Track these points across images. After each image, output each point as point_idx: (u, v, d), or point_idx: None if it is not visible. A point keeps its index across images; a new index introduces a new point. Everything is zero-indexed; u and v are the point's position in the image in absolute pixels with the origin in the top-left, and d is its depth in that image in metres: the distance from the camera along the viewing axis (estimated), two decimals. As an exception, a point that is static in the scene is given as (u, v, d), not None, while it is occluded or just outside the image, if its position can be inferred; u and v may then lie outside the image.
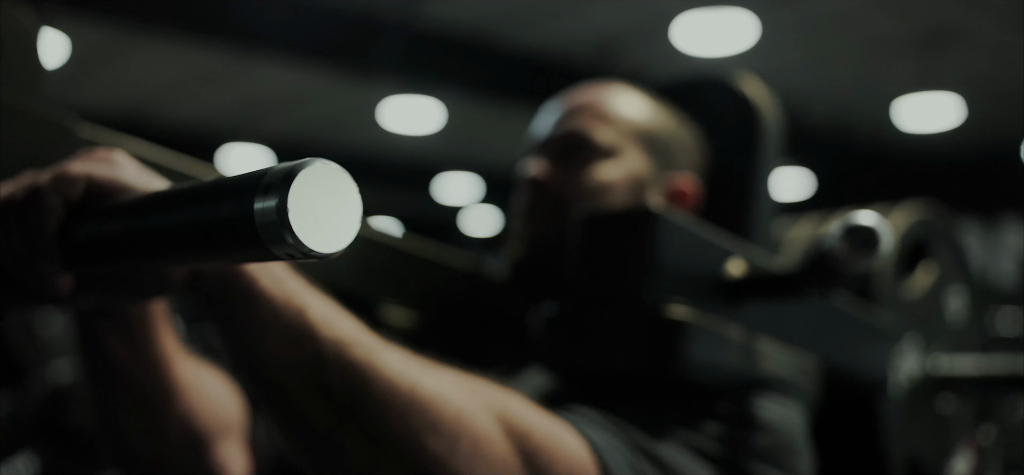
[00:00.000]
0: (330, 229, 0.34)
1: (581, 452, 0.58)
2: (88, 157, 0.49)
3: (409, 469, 0.52)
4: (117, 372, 0.66)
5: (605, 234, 0.69)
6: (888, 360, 0.97)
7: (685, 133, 0.94)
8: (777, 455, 0.67)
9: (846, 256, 0.59)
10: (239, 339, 0.52)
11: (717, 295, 0.70)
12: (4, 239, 0.48)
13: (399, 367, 0.53)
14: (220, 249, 0.38)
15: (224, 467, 0.75)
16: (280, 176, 0.33)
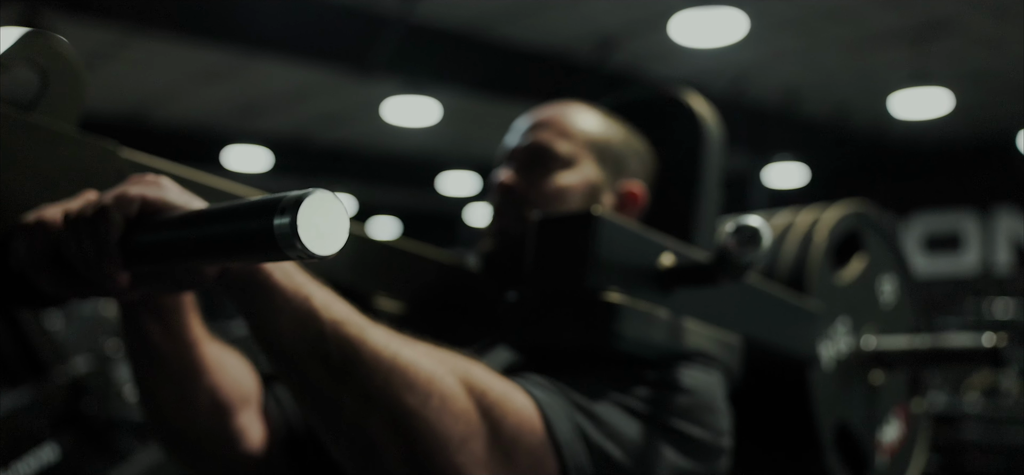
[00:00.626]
0: (327, 238, 0.49)
1: (528, 406, 0.72)
2: (141, 181, 0.64)
3: (391, 419, 0.67)
4: (155, 352, 0.81)
5: (555, 233, 0.84)
6: (815, 338, 1.12)
7: (635, 145, 1.09)
8: (696, 413, 0.82)
9: (737, 250, 0.74)
10: (259, 320, 0.67)
11: (650, 283, 0.85)
12: (76, 245, 0.63)
13: (383, 341, 0.68)
14: (248, 253, 0.52)
15: (243, 432, 0.90)
16: (292, 201, 0.48)
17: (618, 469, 0.75)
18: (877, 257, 1.32)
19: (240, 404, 0.90)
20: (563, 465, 0.72)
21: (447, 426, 0.67)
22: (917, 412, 1.38)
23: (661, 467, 0.78)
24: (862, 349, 1.25)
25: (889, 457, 1.29)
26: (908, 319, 1.37)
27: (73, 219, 0.63)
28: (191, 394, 0.84)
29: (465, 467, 0.68)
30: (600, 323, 0.78)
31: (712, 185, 1.12)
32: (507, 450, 0.70)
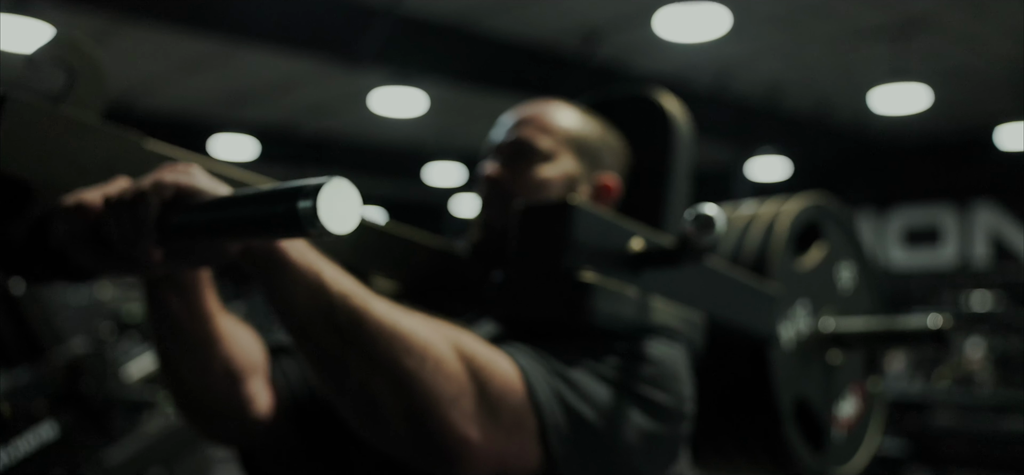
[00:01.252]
0: (342, 219, 0.58)
1: (512, 371, 0.82)
2: (173, 169, 0.73)
3: (392, 380, 0.76)
4: (176, 324, 0.90)
5: (536, 220, 0.93)
6: (774, 319, 1.22)
7: (610, 140, 1.19)
8: (660, 381, 0.92)
9: (695, 234, 0.84)
10: (276, 293, 0.76)
11: (621, 265, 0.95)
12: (116, 225, 0.72)
13: (384, 311, 0.77)
14: (273, 231, 0.62)
15: (253, 399, 0.99)
16: (314, 188, 0.57)
17: (590, 428, 0.85)
18: (836, 246, 1.42)
19: (250, 372, 0.99)
20: (542, 423, 0.82)
21: (440, 386, 0.77)
22: (873, 390, 1.49)
23: (629, 427, 0.88)
24: (820, 330, 1.35)
25: (846, 431, 1.40)
26: (865, 304, 1.47)
27: (113, 202, 0.72)
28: (207, 362, 0.93)
29: (456, 422, 0.77)
30: (575, 300, 0.88)
31: (681, 178, 1.22)
32: (493, 408, 0.79)
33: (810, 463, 1.30)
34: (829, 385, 1.37)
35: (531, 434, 0.82)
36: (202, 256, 0.76)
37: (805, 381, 1.32)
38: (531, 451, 0.82)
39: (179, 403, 0.98)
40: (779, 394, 1.25)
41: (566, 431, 0.83)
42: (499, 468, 0.81)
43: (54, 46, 0.86)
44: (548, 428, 0.82)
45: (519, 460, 0.81)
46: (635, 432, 0.88)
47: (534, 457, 0.82)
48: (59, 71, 0.88)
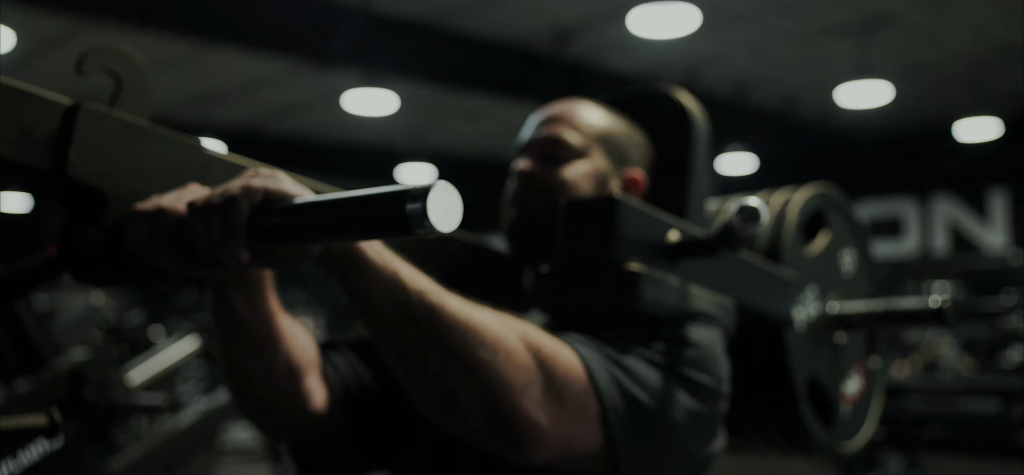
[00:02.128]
0: (447, 218, 0.63)
1: (574, 359, 0.87)
2: (259, 175, 0.77)
3: (467, 371, 0.81)
4: (241, 322, 0.94)
5: (583, 214, 0.99)
6: (790, 303, 1.29)
7: (635, 136, 1.24)
8: (702, 363, 0.98)
9: (740, 226, 0.90)
10: (357, 291, 0.81)
11: (660, 255, 1.00)
12: (204, 229, 0.75)
13: (458, 306, 0.82)
14: (378, 232, 0.66)
15: (310, 394, 1.03)
16: (422, 191, 0.62)
17: (644, 410, 0.91)
18: (839, 233, 1.49)
19: (308, 368, 1.03)
20: (602, 407, 0.87)
21: (512, 375, 0.82)
22: (873, 368, 1.56)
23: (677, 408, 0.94)
24: (828, 313, 1.42)
25: (851, 407, 1.47)
26: (865, 287, 1.55)
27: (201, 207, 0.76)
28: (270, 359, 0.97)
29: (527, 409, 0.82)
30: (625, 288, 0.93)
31: (701, 171, 1.28)
32: (559, 394, 0.84)
33: (822, 439, 1.36)
34: (836, 365, 1.44)
35: (593, 417, 0.87)
36: (283, 258, 0.80)
37: (816, 361, 1.39)
38: (593, 433, 0.87)
39: (242, 399, 1.02)
40: (795, 374, 1.31)
41: (624, 413, 0.89)
42: (565, 450, 0.86)
43: (100, 54, 0.89)
44: (608, 411, 0.87)
45: (582, 442, 0.87)
46: (682, 412, 0.94)
47: (595, 439, 0.87)
48: (107, 79, 0.92)
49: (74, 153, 0.83)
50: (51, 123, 0.83)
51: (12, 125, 0.80)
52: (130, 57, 0.91)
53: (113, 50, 0.90)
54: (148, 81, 0.93)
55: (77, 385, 2.28)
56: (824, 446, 1.37)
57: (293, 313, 1.00)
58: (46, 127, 0.82)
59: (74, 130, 0.83)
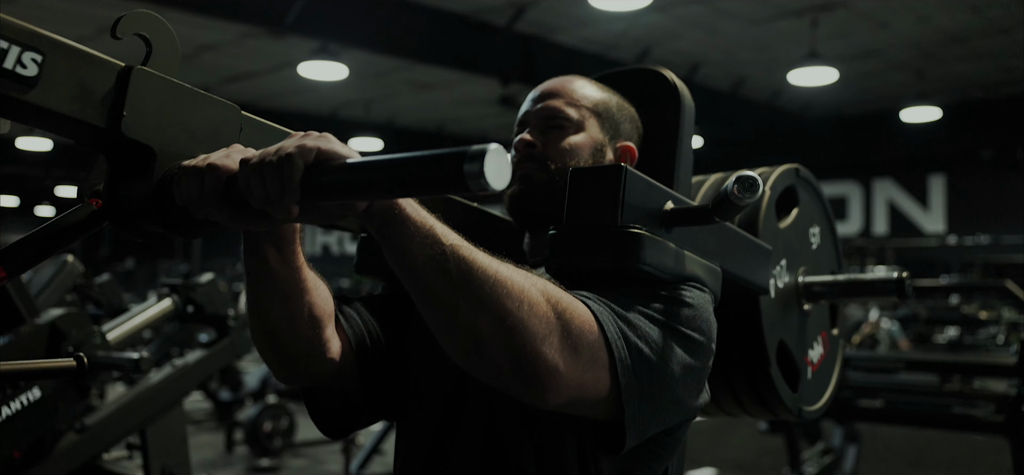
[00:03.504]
0: (499, 176, 0.70)
1: (587, 313, 0.96)
2: (311, 136, 0.83)
3: (495, 320, 0.89)
4: (272, 274, 1.00)
5: (589, 182, 1.07)
6: (767, 273, 1.39)
7: (628, 111, 1.33)
8: (696, 322, 1.07)
9: (738, 196, 0.99)
10: (396, 245, 0.88)
11: (660, 222, 1.09)
12: (260, 184, 0.82)
13: (487, 260, 0.90)
14: (435, 189, 0.73)
15: (329, 343, 1.10)
16: (478, 152, 0.69)
17: (647, 361, 1.00)
18: (808, 209, 1.60)
19: (327, 319, 1.09)
20: (612, 357, 0.96)
21: (535, 325, 0.90)
22: (834, 337, 1.68)
23: (674, 361, 1.03)
24: (797, 283, 1.53)
25: (813, 371, 1.59)
26: (830, 261, 1.66)
27: (256, 164, 0.82)
28: (296, 309, 1.04)
29: (547, 355, 0.90)
30: (630, 249, 1.02)
31: (687, 145, 1.37)
32: (575, 344, 0.93)
33: (789, 401, 1.48)
34: (803, 332, 1.55)
35: (603, 366, 0.96)
36: (329, 212, 0.86)
37: (785, 328, 1.50)
38: (602, 380, 0.96)
39: (268, 345, 1.08)
40: (768, 339, 1.42)
41: (629, 364, 0.97)
42: (577, 394, 0.94)
43: (132, 19, 0.94)
44: (617, 361, 0.96)
45: (593, 387, 0.95)
46: (679, 365, 1.03)
47: (604, 386, 0.96)
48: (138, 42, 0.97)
49: (128, 112, 0.88)
50: (106, 83, 0.88)
51: (74, 84, 0.85)
52: (160, 21, 0.96)
53: (145, 15, 0.95)
54: (176, 45, 0.98)
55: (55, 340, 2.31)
56: (791, 407, 1.48)
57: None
58: (102, 87, 0.88)
59: (127, 90, 0.88)
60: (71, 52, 0.86)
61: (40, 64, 0.83)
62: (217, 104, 0.98)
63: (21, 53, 0.82)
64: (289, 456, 6.76)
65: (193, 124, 0.95)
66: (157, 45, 0.96)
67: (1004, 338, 6.97)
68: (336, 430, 1.21)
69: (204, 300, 2.73)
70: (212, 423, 7.74)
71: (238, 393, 7.04)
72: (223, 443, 6.99)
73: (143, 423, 2.58)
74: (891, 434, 7.76)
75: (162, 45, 0.96)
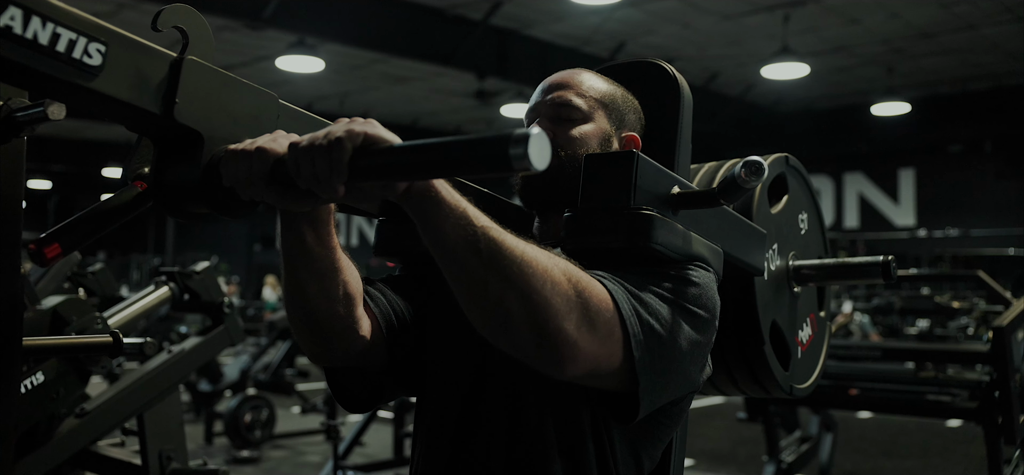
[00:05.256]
0: (540, 158, 0.77)
1: (603, 291, 1.03)
2: (358, 122, 0.89)
3: (521, 296, 0.95)
4: (309, 253, 1.06)
5: (603, 167, 1.14)
6: (763, 255, 1.47)
7: (631, 102, 1.40)
8: (701, 300, 1.14)
9: (744, 179, 1.06)
10: (432, 225, 0.94)
11: (666, 205, 1.16)
12: (309, 166, 0.88)
13: (515, 241, 0.97)
14: (481, 170, 0.80)
15: (360, 320, 1.16)
16: (523, 136, 0.76)
17: (658, 337, 1.07)
18: (797, 197, 1.69)
19: (358, 298, 1.15)
20: (626, 332, 1.03)
21: (557, 301, 0.97)
22: (821, 318, 1.76)
23: (682, 337, 1.10)
24: (788, 266, 1.61)
25: (803, 351, 1.67)
26: (818, 246, 1.75)
27: (306, 147, 0.88)
28: (332, 288, 1.10)
29: (568, 330, 0.97)
30: (642, 230, 1.09)
31: (686, 137, 1.44)
32: (593, 320, 1.00)
33: (781, 379, 1.56)
34: (793, 313, 1.64)
35: (618, 341, 1.03)
36: (370, 193, 0.93)
37: (777, 309, 1.58)
38: (617, 354, 1.03)
39: (303, 324, 1.13)
40: (761, 319, 1.50)
41: (642, 339, 1.05)
42: (594, 366, 1.01)
43: (171, 13, 1.00)
44: (631, 336, 1.03)
45: (608, 360, 1.03)
46: (686, 340, 1.11)
47: (618, 359, 1.03)
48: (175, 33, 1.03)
49: (180, 100, 0.94)
50: (160, 72, 0.94)
51: (133, 73, 0.91)
52: (196, 15, 1.02)
53: (182, 8, 1.01)
54: (210, 37, 1.04)
55: (58, 326, 2.34)
56: (783, 385, 1.56)
57: None
58: (157, 76, 0.93)
59: (180, 79, 0.94)
60: (131, 44, 0.92)
61: (104, 54, 0.89)
62: (258, 92, 1.04)
63: (88, 44, 0.87)
64: (269, 447, 6.79)
65: (237, 111, 1.01)
66: (194, 37, 1.01)
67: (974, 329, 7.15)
68: (361, 406, 1.27)
69: (200, 288, 2.77)
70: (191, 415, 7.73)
71: (218, 385, 7.04)
72: (202, 435, 7.00)
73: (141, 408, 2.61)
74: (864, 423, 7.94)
75: (198, 37, 1.02)
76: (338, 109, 14.29)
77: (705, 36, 10.77)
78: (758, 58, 10.81)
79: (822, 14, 9.82)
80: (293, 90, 13.09)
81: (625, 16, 9.99)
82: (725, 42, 11.00)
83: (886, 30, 10.39)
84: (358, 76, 12.62)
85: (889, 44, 10.95)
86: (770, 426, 5.20)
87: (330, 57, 10.67)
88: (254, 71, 12.00)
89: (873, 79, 12.50)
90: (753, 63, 11.29)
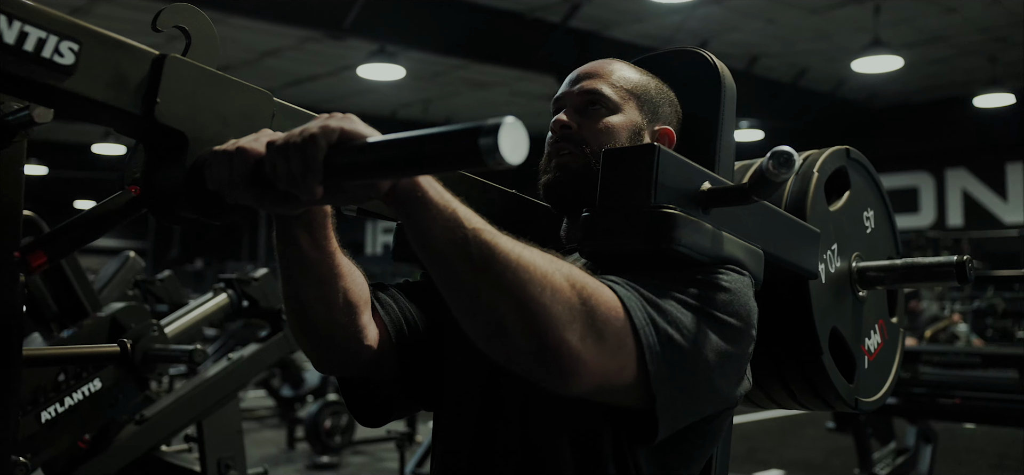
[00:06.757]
0: (515, 151, 0.69)
1: (613, 299, 0.93)
2: (335, 117, 0.82)
3: (516, 304, 0.87)
4: (305, 259, 1.00)
5: (622, 162, 1.04)
6: (816, 256, 1.34)
7: (667, 94, 1.30)
8: (733, 306, 1.03)
9: (773, 172, 0.95)
10: (417, 226, 0.87)
11: (694, 202, 1.06)
12: (284, 165, 0.81)
13: (510, 244, 0.88)
14: (451, 165, 0.72)
15: (365, 329, 1.09)
16: (494, 126, 0.68)
17: (678, 348, 0.96)
18: (861, 192, 1.55)
19: (363, 305, 1.09)
20: (639, 343, 0.93)
21: (557, 310, 0.88)
22: (894, 325, 1.62)
23: (709, 348, 0.99)
24: (851, 268, 1.48)
25: (871, 361, 1.53)
26: (887, 246, 1.60)
27: (281, 145, 0.82)
28: (331, 295, 1.03)
29: (571, 341, 0.88)
30: (664, 230, 0.99)
31: (729, 129, 1.33)
32: (600, 331, 0.90)
33: (844, 392, 1.42)
34: (858, 319, 1.50)
35: (630, 353, 0.93)
36: (353, 193, 0.86)
37: (838, 315, 1.44)
38: (629, 368, 0.93)
39: (303, 332, 1.08)
40: (818, 326, 1.37)
41: (658, 351, 0.94)
42: (602, 381, 0.92)
43: (173, 12, 0.95)
44: (645, 348, 0.93)
45: (619, 375, 0.93)
46: (714, 352, 1.00)
47: (631, 373, 0.93)
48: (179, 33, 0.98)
49: (161, 99, 0.89)
50: (141, 71, 0.89)
51: (109, 72, 0.86)
52: (198, 14, 0.97)
53: (184, 7, 0.96)
54: (215, 36, 0.99)
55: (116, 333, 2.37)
56: (846, 399, 1.43)
57: None
58: (137, 75, 0.89)
59: (161, 78, 0.89)
60: (107, 41, 0.87)
61: (77, 53, 0.84)
62: (250, 91, 0.99)
63: (59, 42, 0.83)
64: (349, 453, 6.85)
65: (226, 111, 0.96)
66: (196, 37, 0.97)
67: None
68: (373, 419, 1.20)
69: (259, 294, 2.77)
70: (275, 420, 7.88)
71: (299, 390, 7.15)
72: (285, 440, 7.11)
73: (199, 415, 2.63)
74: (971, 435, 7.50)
75: (201, 37, 0.97)
76: (422, 116, 14.43)
77: (791, 31, 10.43)
78: (848, 52, 10.41)
79: (915, 4, 9.38)
80: (377, 98, 13.27)
81: (707, 13, 9.75)
82: (813, 36, 10.63)
83: (985, 18, 9.86)
84: (439, 82, 12.70)
85: (989, 32, 10.38)
86: (861, 437, 4.95)
87: (411, 64, 10.75)
88: (338, 81, 12.22)
89: (973, 70, 11.89)
90: (843, 57, 10.88)
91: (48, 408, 2.12)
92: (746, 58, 11.41)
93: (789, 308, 1.37)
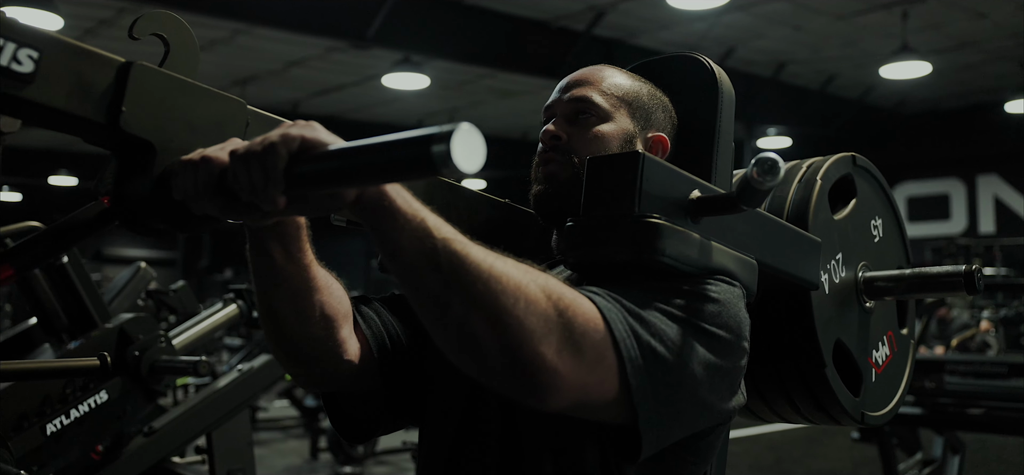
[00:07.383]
0: (470, 158, 0.66)
1: (593, 310, 0.90)
2: (297, 125, 0.80)
3: (489, 317, 0.84)
4: (278, 272, 0.98)
5: (606, 170, 1.01)
6: (817, 267, 1.30)
7: (661, 100, 1.26)
8: (721, 318, 1.00)
9: (758, 179, 0.92)
10: (385, 237, 0.84)
11: (683, 212, 1.02)
12: (246, 174, 0.79)
13: (482, 255, 0.85)
14: (406, 174, 0.69)
15: (345, 343, 1.07)
16: (446, 133, 0.65)
17: (662, 362, 0.93)
18: (868, 200, 1.50)
19: (342, 319, 1.07)
20: (620, 357, 0.90)
21: (532, 323, 0.84)
22: (903, 336, 1.56)
23: (695, 361, 0.96)
24: (857, 278, 1.43)
25: (879, 374, 1.48)
26: (896, 255, 1.55)
27: (242, 154, 0.80)
28: (306, 308, 1.01)
29: (546, 355, 0.85)
30: (647, 240, 0.96)
31: (727, 135, 1.29)
32: (578, 344, 0.87)
33: (849, 405, 1.37)
34: (865, 331, 1.45)
35: (610, 367, 0.89)
36: (319, 204, 0.83)
37: (843, 327, 1.40)
38: (609, 382, 0.90)
39: (279, 347, 1.06)
40: (821, 338, 1.32)
41: (641, 364, 0.91)
42: (582, 397, 0.88)
43: (150, 19, 0.94)
44: (626, 361, 0.90)
45: (599, 389, 0.89)
46: (701, 365, 0.96)
47: (612, 388, 0.90)
48: (157, 41, 0.96)
49: (127, 107, 0.87)
50: (106, 79, 0.88)
51: (72, 80, 0.85)
52: (177, 21, 0.96)
53: (162, 14, 0.94)
54: (194, 44, 0.97)
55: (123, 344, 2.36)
56: (852, 412, 1.38)
57: None
58: (102, 83, 0.87)
59: (127, 86, 0.88)
60: (68, 49, 0.86)
61: (36, 60, 0.83)
62: (221, 99, 0.97)
63: (17, 49, 0.82)
64: (372, 463, 6.84)
65: (196, 119, 0.94)
66: (175, 45, 0.95)
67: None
68: (358, 435, 1.18)
69: (269, 305, 2.76)
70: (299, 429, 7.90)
71: (322, 400, 7.16)
72: (308, 450, 7.12)
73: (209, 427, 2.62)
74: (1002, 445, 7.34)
75: (180, 45, 0.96)
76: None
77: (819, 37, 10.31)
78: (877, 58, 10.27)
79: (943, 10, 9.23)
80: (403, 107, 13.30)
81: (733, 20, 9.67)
82: (840, 43, 10.50)
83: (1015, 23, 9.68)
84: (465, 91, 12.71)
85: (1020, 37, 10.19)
86: (886, 447, 4.85)
87: (436, 73, 10.76)
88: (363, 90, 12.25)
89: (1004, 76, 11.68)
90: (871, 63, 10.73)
91: (53, 420, 2.12)
92: (773, 65, 11.30)
93: (791, 320, 1.33)
